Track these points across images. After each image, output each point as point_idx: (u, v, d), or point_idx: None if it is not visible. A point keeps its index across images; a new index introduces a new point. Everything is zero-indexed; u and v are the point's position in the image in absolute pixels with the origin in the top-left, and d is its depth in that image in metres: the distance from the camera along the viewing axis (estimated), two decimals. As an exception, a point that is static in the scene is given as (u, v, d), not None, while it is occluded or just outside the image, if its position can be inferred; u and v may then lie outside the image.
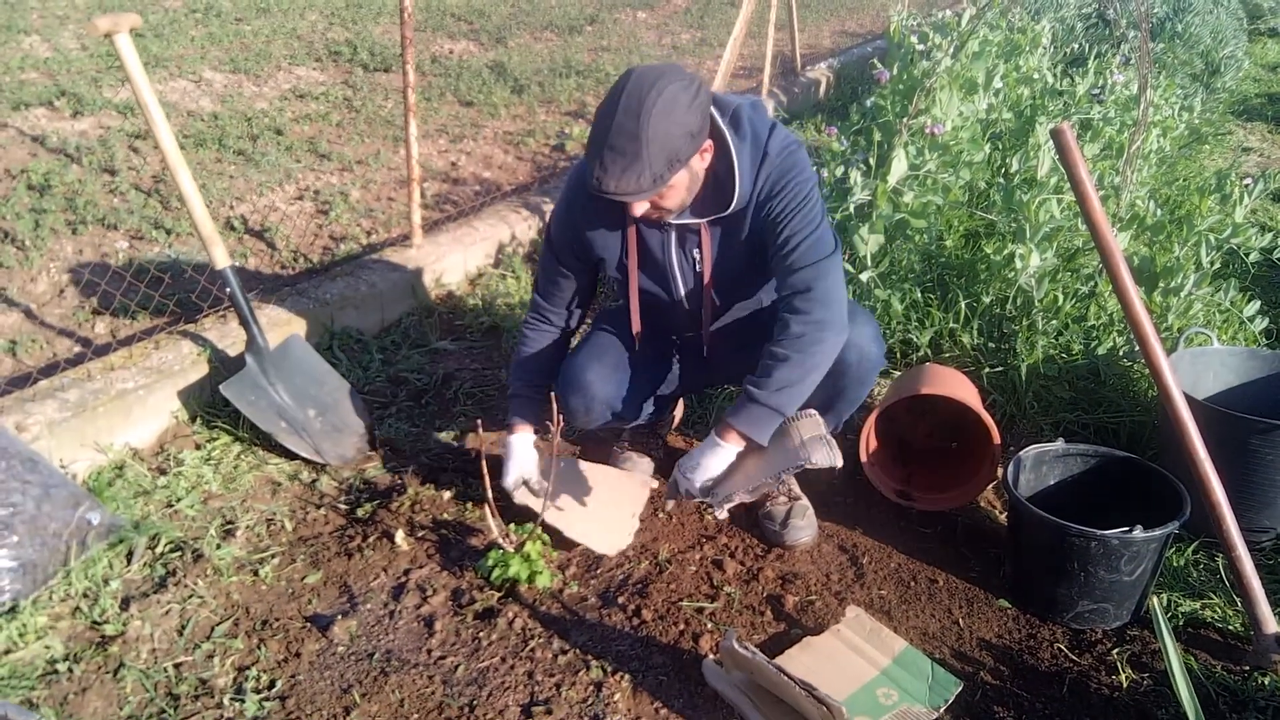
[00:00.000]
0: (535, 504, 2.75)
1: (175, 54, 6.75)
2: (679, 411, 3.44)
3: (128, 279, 3.97)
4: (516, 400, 2.86)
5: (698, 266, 2.65)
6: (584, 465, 3.01)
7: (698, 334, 2.85)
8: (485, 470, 2.69)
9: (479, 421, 2.78)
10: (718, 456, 2.52)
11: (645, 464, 3.18)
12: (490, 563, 2.62)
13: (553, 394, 2.73)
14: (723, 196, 2.47)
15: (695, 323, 2.81)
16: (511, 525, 2.69)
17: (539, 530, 2.65)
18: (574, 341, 2.97)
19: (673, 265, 2.67)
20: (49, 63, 6.22)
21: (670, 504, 2.84)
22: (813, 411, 2.55)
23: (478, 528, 2.88)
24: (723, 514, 2.59)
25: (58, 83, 5.83)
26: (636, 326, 2.80)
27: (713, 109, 2.42)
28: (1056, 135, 2.31)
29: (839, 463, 2.46)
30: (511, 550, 2.62)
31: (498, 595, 2.62)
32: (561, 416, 2.73)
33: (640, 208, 2.38)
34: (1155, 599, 1.87)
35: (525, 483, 2.81)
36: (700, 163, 2.40)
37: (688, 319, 2.82)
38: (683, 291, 2.72)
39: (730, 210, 2.49)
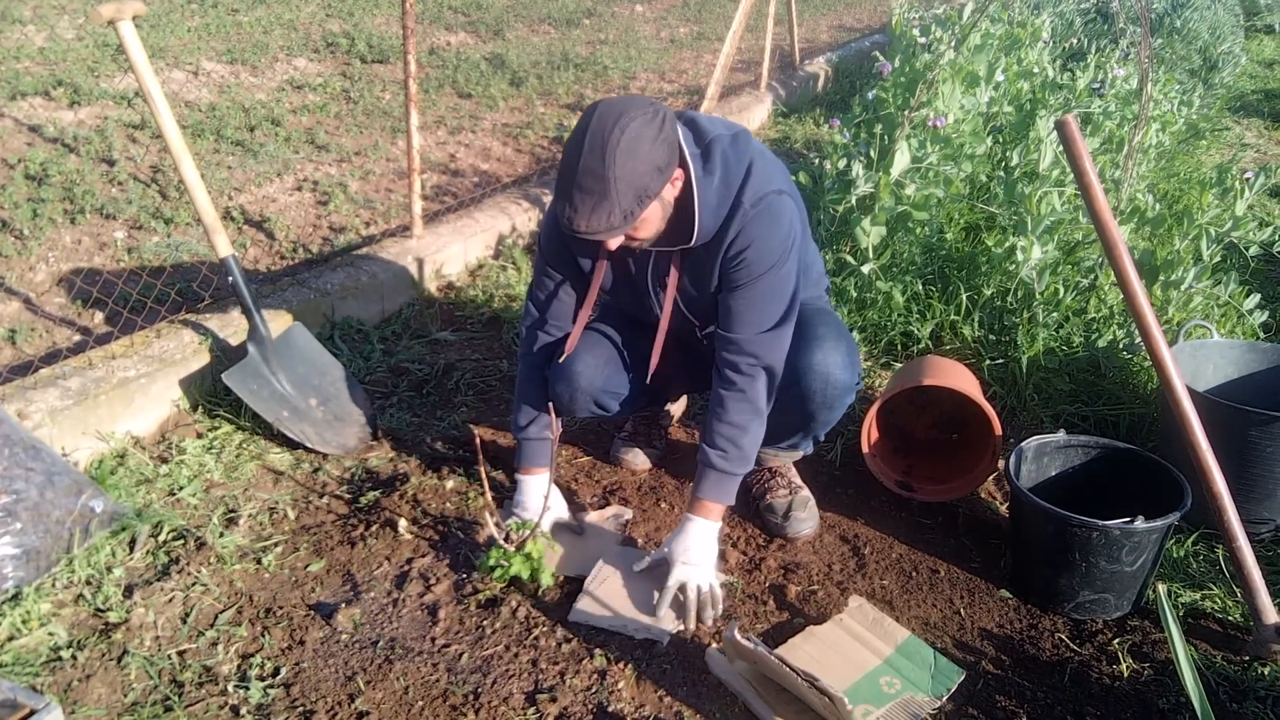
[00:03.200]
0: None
1: (173, 44, 6.74)
2: (680, 406, 3.44)
3: (128, 268, 3.96)
4: (530, 444, 2.82)
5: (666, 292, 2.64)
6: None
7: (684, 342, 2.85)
8: (484, 473, 2.69)
9: (479, 436, 2.79)
10: (711, 538, 2.60)
11: (641, 458, 3.19)
12: (491, 562, 2.60)
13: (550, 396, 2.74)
14: (685, 230, 2.43)
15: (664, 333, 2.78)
16: (511, 523, 2.68)
17: (540, 529, 2.64)
18: None
19: (650, 290, 2.66)
20: (45, 52, 6.20)
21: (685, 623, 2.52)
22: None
23: (480, 518, 2.88)
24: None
25: (54, 72, 5.82)
26: (571, 347, 2.72)
27: (686, 135, 2.37)
28: (1061, 127, 2.32)
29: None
30: (512, 550, 2.61)
31: (501, 584, 2.62)
32: (559, 418, 2.72)
33: (614, 243, 2.34)
34: (1160, 587, 1.88)
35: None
36: (672, 191, 2.35)
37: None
38: (659, 310, 2.70)
39: (693, 244, 2.45)
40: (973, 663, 2.42)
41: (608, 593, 2.58)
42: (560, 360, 2.75)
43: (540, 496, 2.77)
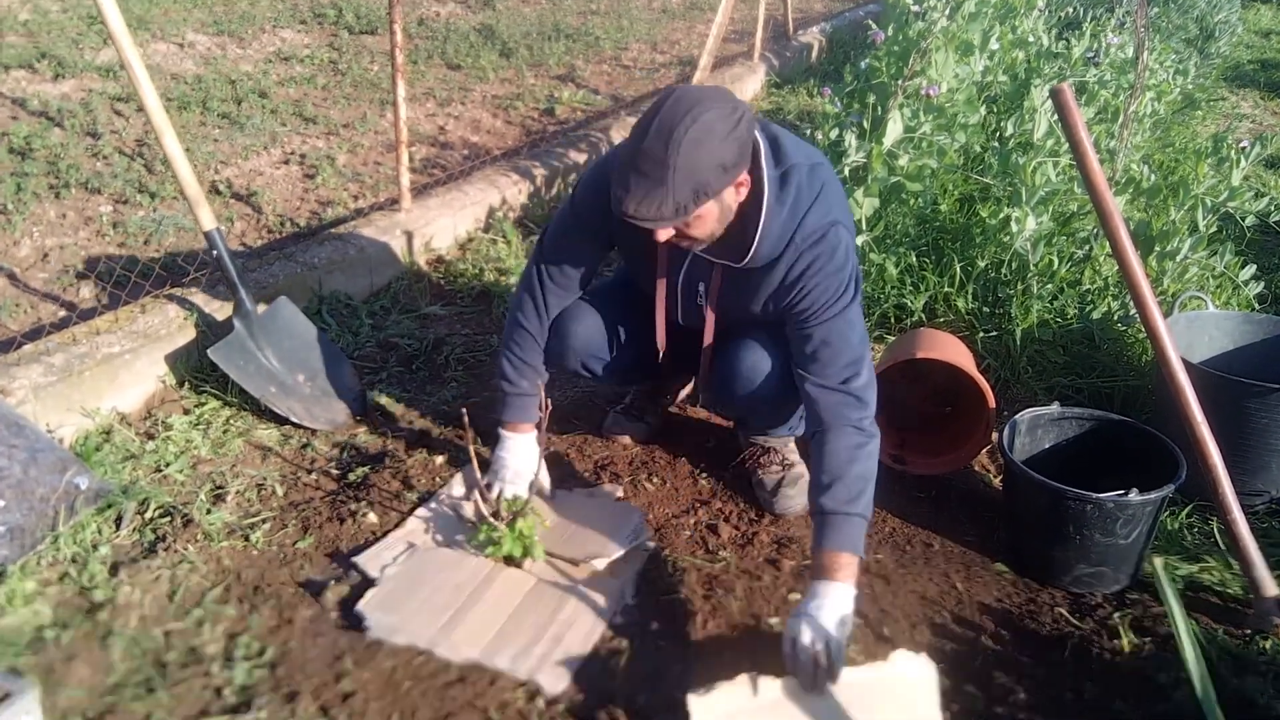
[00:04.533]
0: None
1: (157, 15, 6.65)
2: (686, 389, 3.40)
3: (113, 243, 3.92)
4: (522, 399, 2.77)
5: (699, 299, 2.59)
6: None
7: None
8: (473, 451, 2.66)
9: (468, 412, 2.74)
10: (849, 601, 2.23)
11: (634, 433, 3.16)
12: (481, 538, 2.57)
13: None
14: (740, 247, 2.35)
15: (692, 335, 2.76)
16: (504, 500, 2.65)
17: (531, 505, 2.61)
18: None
19: (677, 288, 2.61)
20: (29, 24, 6.12)
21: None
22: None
23: (470, 495, 2.84)
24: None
25: (38, 44, 5.74)
26: (662, 344, 2.75)
27: (767, 153, 2.30)
28: (1056, 95, 2.28)
29: None
30: (502, 527, 2.57)
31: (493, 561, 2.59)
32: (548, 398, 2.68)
33: (665, 234, 2.24)
34: (1158, 561, 1.86)
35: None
36: (735, 196, 2.27)
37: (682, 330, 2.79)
38: (679, 313, 2.68)
39: (743, 265, 2.38)
40: (971, 638, 2.40)
41: None
42: (560, 316, 2.74)
43: (525, 459, 2.75)
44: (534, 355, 2.76)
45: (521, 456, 2.77)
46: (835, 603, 2.17)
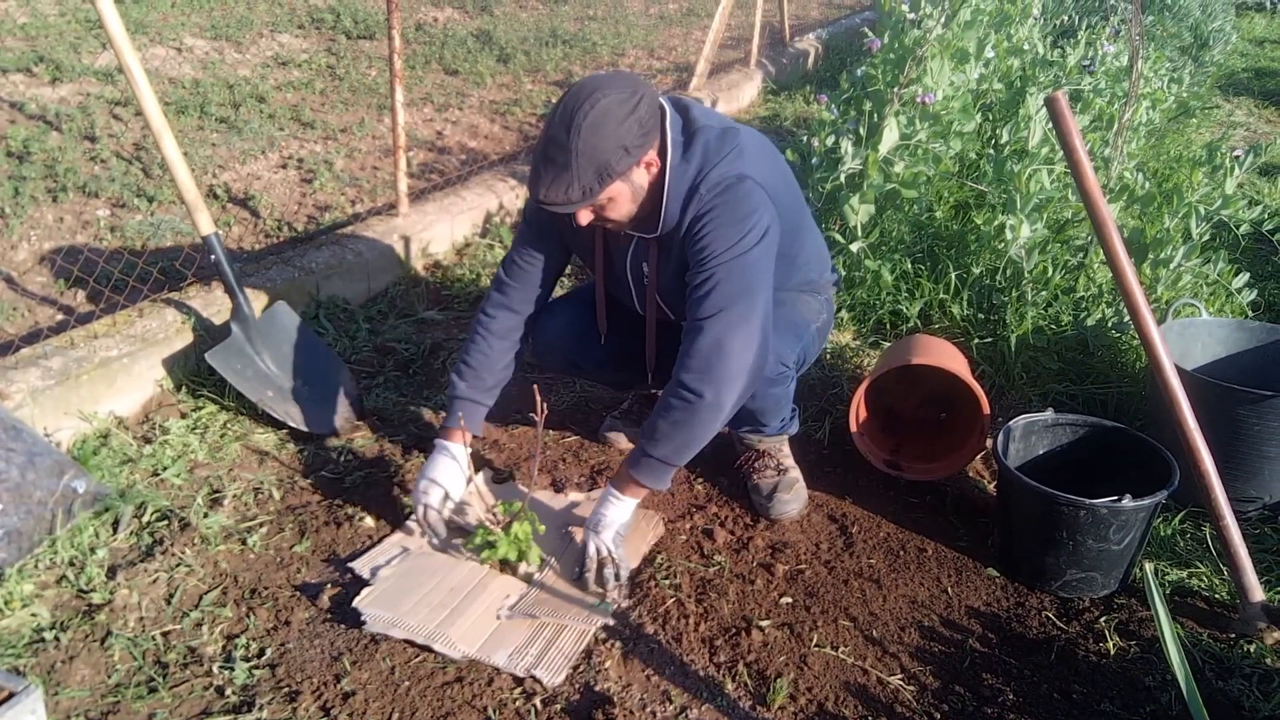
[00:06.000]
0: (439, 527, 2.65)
1: (155, 19, 6.65)
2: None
3: (110, 246, 3.92)
4: (460, 403, 2.72)
5: (645, 280, 2.65)
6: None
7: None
8: (468, 455, 2.67)
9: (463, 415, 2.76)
10: (618, 508, 2.50)
11: (629, 437, 3.17)
12: (478, 541, 2.58)
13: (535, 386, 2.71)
14: (656, 217, 2.42)
15: (654, 324, 2.80)
16: (500, 504, 2.66)
17: (527, 509, 2.62)
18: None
19: (627, 274, 2.67)
20: (26, 28, 6.12)
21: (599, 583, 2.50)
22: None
23: (466, 499, 2.86)
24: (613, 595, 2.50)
25: (36, 48, 5.74)
26: (603, 326, 2.83)
27: (675, 122, 2.37)
28: (1051, 104, 2.30)
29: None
30: (498, 530, 2.58)
31: (488, 564, 2.60)
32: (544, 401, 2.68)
33: (584, 217, 2.35)
34: (1148, 566, 1.88)
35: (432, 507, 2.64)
36: (645, 176, 2.35)
37: (643, 321, 2.82)
38: (634, 299, 2.73)
39: (660, 234, 2.45)
40: (960, 640, 2.41)
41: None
42: (541, 313, 2.79)
43: (451, 474, 2.67)
44: (481, 358, 2.73)
45: (446, 471, 2.67)
46: (617, 516, 2.49)
